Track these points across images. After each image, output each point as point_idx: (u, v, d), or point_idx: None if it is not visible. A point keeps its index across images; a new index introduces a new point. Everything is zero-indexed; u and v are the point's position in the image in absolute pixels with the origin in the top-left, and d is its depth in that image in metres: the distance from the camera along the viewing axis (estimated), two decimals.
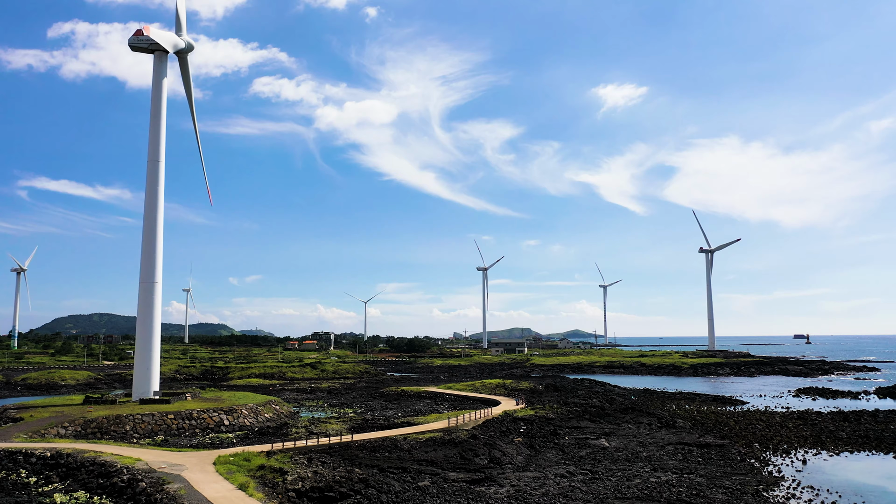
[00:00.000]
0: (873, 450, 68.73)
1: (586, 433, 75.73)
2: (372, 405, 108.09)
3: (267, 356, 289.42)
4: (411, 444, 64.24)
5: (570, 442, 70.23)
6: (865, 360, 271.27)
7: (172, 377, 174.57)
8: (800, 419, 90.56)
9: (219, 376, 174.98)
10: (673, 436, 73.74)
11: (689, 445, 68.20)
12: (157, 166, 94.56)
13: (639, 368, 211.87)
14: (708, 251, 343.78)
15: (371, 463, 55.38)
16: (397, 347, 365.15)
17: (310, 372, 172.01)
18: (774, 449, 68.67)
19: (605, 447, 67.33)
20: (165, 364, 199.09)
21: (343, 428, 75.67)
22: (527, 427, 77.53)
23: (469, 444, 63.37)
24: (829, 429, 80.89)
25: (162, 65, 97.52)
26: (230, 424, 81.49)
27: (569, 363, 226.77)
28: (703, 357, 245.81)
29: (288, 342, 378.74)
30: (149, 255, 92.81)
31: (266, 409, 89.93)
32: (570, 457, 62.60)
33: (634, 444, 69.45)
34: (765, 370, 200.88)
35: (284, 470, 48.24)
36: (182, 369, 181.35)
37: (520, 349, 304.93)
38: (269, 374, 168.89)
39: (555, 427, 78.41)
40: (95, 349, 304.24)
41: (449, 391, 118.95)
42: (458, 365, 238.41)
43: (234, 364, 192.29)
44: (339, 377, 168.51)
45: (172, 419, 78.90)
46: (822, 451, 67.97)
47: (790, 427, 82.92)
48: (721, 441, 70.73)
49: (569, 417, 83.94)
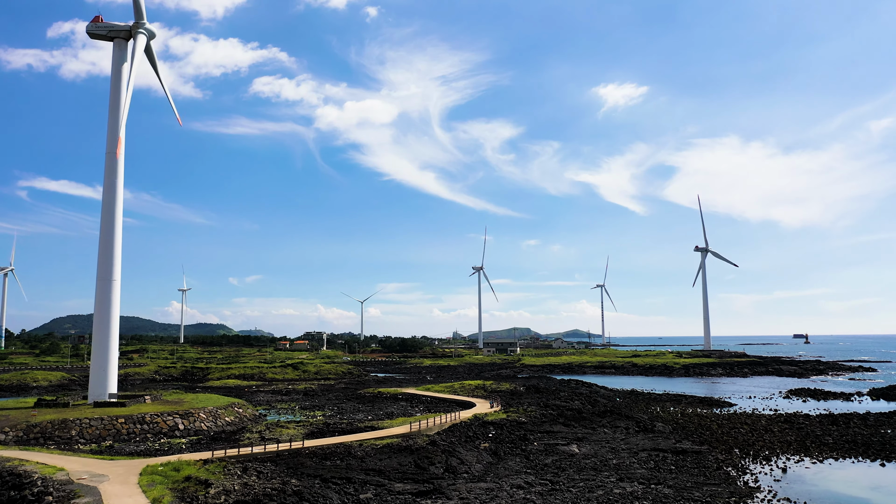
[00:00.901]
0: (860, 456, 64.66)
1: (558, 438, 71.68)
2: (344, 407, 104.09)
3: (257, 356, 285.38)
4: (366, 450, 60.23)
5: (539, 448, 66.18)
6: (862, 361, 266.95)
7: (152, 378, 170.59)
8: (786, 422, 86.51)
9: (199, 377, 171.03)
10: (649, 441, 69.67)
11: (663, 452, 64.14)
12: (115, 158, 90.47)
13: (630, 369, 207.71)
14: (704, 250, 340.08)
15: (315, 472, 51.34)
16: (390, 347, 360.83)
17: (291, 373, 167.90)
18: (755, 455, 64.64)
19: (574, 454, 63.29)
20: (148, 365, 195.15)
21: (300, 433, 71.59)
22: (496, 432, 73.48)
23: (427, 452, 59.32)
24: (815, 433, 76.82)
25: (121, 52, 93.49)
26: (185, 429, 77.44)
27: (559, 363, 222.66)
28: (697, 357, 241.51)
29: (279, 342, 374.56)
30: (106, 251, 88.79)
31: (227, 413, 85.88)
32: (534, 465, 58.55)
33: (606, 450, 65.41)
34: (758, 370, 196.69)
35: (210, 482, 44.18)
36: (162, 370, 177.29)
37: (512, 349, 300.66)
38: (249, 374, 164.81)
39: (525, 432, 74.36)
40: (82, 349, 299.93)
41: (426, 393, 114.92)
42: (447, 365, 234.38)
43: (215, 364, 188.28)
44: (321, 378, 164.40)
45: (123, 423, 74.84)
46: (806, 458, 63.92)
47: (775, 431, 78.86)
48: (698, 447, 66.70)
49: (542, 421, 79.87)
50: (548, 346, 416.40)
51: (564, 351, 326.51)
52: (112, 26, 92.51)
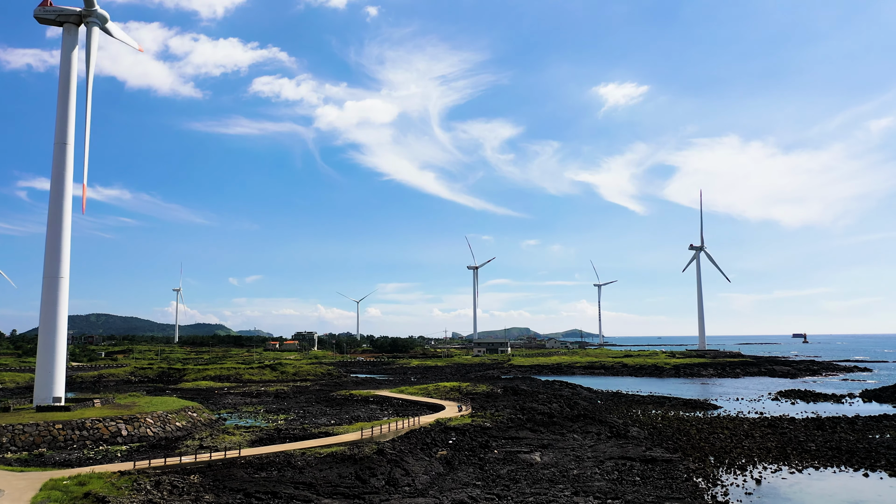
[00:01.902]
0: (843, 465, 60.05)
1: (522, 445, 67.09)
2: (310, 411, 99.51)
3: (245, 357, 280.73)
4: (308, 460, 55.67)
5: (498, 456, 61.58)
6: (857, 361, 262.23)
7: (127, 379, 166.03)
8: (770, 427, 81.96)
9: (175, 378, 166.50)
10: (618, 449, 65.05)
11: (631, 460, 59.57)
12: (64, 149, 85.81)
13: (620, 369, 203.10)
14: (699, 248, 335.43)
15: (240, 486, 46.76)
16: (381, 348, 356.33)
17: (269, 374, 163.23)
18: (730, 464, 60.05)
19: (534, 463, 58.70)
20: (125, 366, 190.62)
21: (245, 440, 66.98)
22: (456, 438, 68.89)
23: (372, 461, 54.74)
24: (798, 439, 72.22)
25: (72, 37, 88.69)
26: (128, 435, 72.78)
27: (549, 364, 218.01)
28: (690, 357, 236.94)
29: (269, 343, 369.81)
30: (53, 247, 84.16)
31: (179, 418, 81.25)
32: (487, 475, 53.93)
33: (570, 458, 60.82)
34: (750, 371, 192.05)
35: (107, 499, 39.60)
36: (139, 371, 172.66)
37: (503, 349, 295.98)
38: (226, 375, 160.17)
39: (489, 438, 69.78)
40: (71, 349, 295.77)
41: (399, 395, 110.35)
42: (434, 366, 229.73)
43: (192, 366, 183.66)
44: (299, 379, 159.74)
45: (60, 429, 70.15)
46: (784, 467, 59.31)
47: (756, 437, 74.29)
48: (670, 455, 62.09)
49: (508, 427, 75.23)
50: (541, 346, 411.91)
51: (557, 351, 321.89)
52: (61, 10, 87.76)
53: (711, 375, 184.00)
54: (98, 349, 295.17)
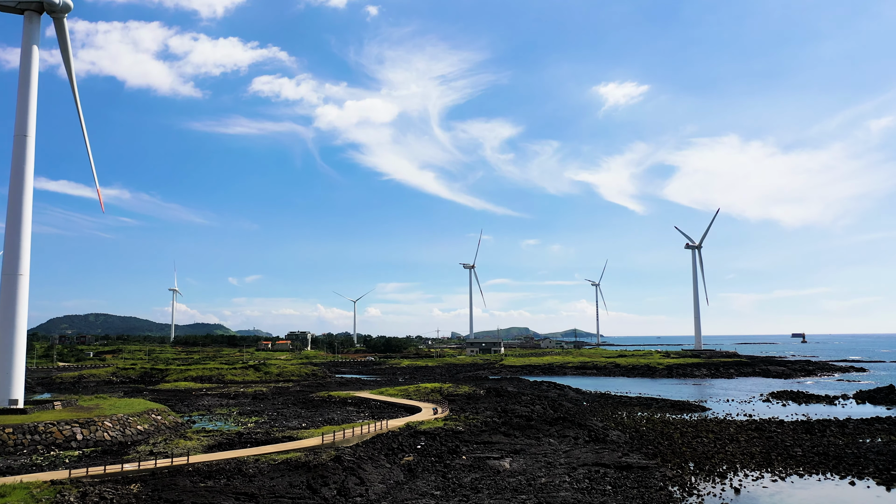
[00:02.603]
0: (829, 472, 56.77)
1: (493, 450, 63.84)
2: (285, 413, 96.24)
3: (236, 357, 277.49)
4: (261, 467, 52.42)
5: (465, 463, 58.32)
6: (854, 361, 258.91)
7: (108, 380, 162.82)
8: (757, 430, 78.81)
9: (157, 378, 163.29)
10: (593, 454, 61.81)
11: (605, 467, 56.32)
12: (24, 141, 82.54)
13: (612, 370, 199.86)
14: (694, 247, 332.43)
15: (178, 497, 43.52)
16: (375, 348, 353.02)
17: (252, 374, 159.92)
18: (710, 471, 56.77)
19: (502, 470, 55.47)
20: (111, 367, 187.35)
21: (200, 445, 63.75)
22: (425, 443, 65.66)
23: (326, 469, 51.49)
24: (784, 443, 68.97)
25: (32, 26, 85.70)
26: (84, 439, 69.49)
27: (540, 364, 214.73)
28: (686, 357, 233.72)
29: (261, 343, 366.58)
30: (13, 243, 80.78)
31: (141, 421, 77.96)
32: (448, 484, 50.69)
33: (540, 465, 57.58)
34: (744, 371, 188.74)
35: None
36: (120, 371, 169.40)
37: (496, 349, 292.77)
38: (207, 376, 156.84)
39: (459, 443, 66.53)
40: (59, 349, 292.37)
41: (378, 397, 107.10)
42: (425, 366, 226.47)
43: (175, 366, 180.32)
44: (283, 380, 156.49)
45: (11, 434, 66.85)
46: (767, 474, 56.07)
47: (741, 441, 71.10)
48: (647, 461, 58.82)
49: (482, 430, 71.95)
50: (536, 346, 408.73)
51: (551, 351, 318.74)
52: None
53: (704, 376, 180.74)
54: (87, 349, 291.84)
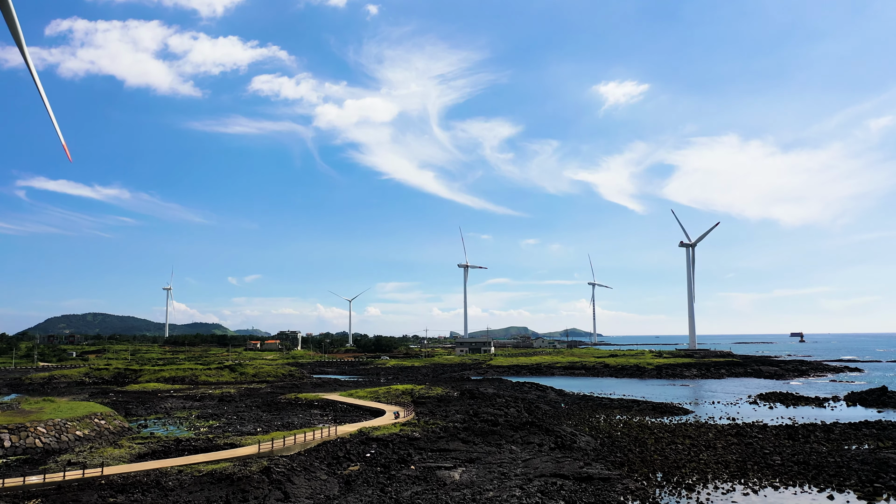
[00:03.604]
0: (808, 484, 52.03)
1: (447, 459, 59.15)
2: (245, 416, 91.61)
3: (223, 356, 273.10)
4: (182, 480, 47.75)
5: (412, 474, 53.59)
6: (849, 361, 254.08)
7: (80, 381, 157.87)
8: (737, 435, 74.16)
9: (131, 378, 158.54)
10: (554, 464, 57.09)
11: (563, 479, 51.60)
12: None
13: (601, 370, 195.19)
14: (689, 245, 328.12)
15: None
16: (365, 347, 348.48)
17: (227, 375, 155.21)
18: (678, 482, 52.05)
19: (450, 481, 50.75)
20: (83, 367, 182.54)
21: (131, 454, 59.04)
22: (375, 451, 60.96)
23: (251, 482, 46.78)
24: (763, 451, 64.25)
25: None
26: (12, 446, 64.75)
27: (528, 364, 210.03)
28: (678, 357, 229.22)
29: (249, 343, 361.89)
30: None
31: (81, 426, 73.23)
32: (385, 499, 45.96)
33: (493, 476, 52.84)
34: (736, 372, 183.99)
35: None
36: (94, 372, 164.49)
37: (486, 349, 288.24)
38: (181, 377, 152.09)
39: (412, 451, 61.81)
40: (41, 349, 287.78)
41: (347, 399, 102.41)
42: (411, 366, 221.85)
43: (149, 366, 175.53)
44: (257, 381, 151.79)
45: None
46: (739, 486, 51.36)
47: (718, 447, 66.41)
48: (610, 472, 54.11)
49: (440, 437, 67.17)
50: (529, 346, 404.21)
51: (543, 350, 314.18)
52: None
53: (694, 376, 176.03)
54: (71, 349, 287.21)
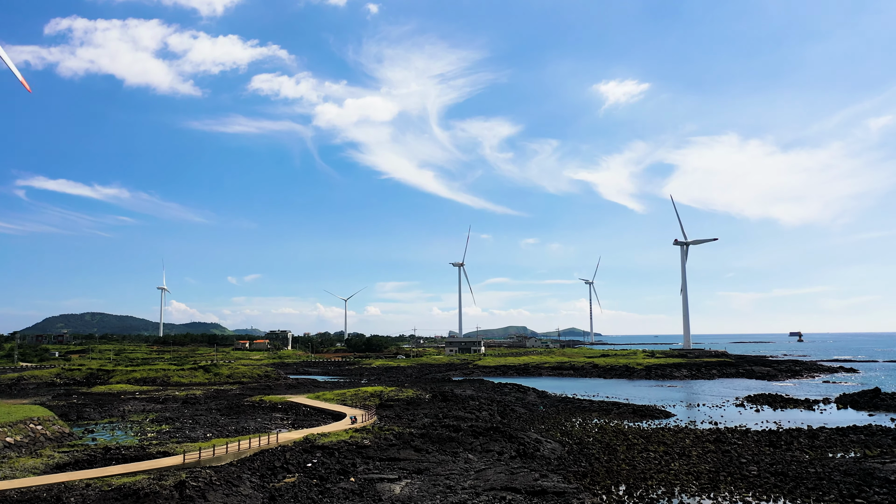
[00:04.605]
0: (784, 498, 47.21)
1: (394, 469, 54.34)
2: (201, 421, 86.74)
3: (212, 356, 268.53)
4: (87, 496, 42.98)
5: (348, 487, 48.78)
6: (844, 361, 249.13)
7: (51, 382, 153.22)
8: (716, 442, 69.55)
9: (103, 379, 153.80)
10: (508, 475, 52.27)
11: (514, 493, 46.82)
12: None
13: (590, 370, 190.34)
14: (683, 243, 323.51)
15: None
16: (355, 347, 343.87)
17: (200, 376, 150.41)
18: (641, 496, 47.29)
19: (386, 497, 45.97)
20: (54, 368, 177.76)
21: (48, 464, 54.22)
22: (318, 461, 56.15)
23: (158, 498, 41.96)
24: (740, 459, 59.46)
25: None
26: None
27: (516, 364, 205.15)
28: (671, 357, 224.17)
29: (238, 342, 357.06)
30: None
31: (13, 432, 68.30)
32: None
33: (438, 490, 48.05)
34: (727, 372, 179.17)
35: None
36: (65, 373, 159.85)
37: (475, 349, 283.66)
38: (152, 378, 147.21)
39: (359, 460, 57.00)
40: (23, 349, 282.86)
41: (312, 402, 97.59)
42: (397, 366, 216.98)
43: (122, 367, 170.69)
44: (231, 381, 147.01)
45: None
46: (708, 500, 46.58)
47: (692, 456, 61.65)
48: (568, 485, 49.31)
49: (391, 444, 62.28)
50: (522, 346, 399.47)
51: (534, 350, 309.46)
52: None
53: (684, 377, 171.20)
54: (54, 348, 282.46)
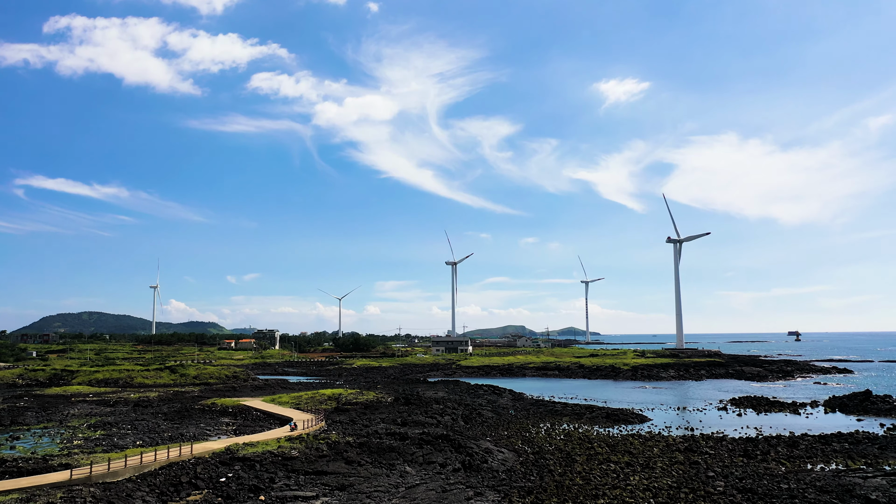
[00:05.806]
0: None
1: (315, 485, 48.49)
2: (141, 426, 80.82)
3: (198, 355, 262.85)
4: None
5: None
6: (839, 361, 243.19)
7: (13, 383, 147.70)
8: (686, 451, 63.97)
9: (66, 380, 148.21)
10: (439, 493, 46.46)
11: None
12: None
13: (575, 371, 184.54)
14: (676, 241, 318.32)
15: None
16: (343, 346, 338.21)
17: (165, 376, 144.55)
18: None
19: None
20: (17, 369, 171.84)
21: None
22: (235, 474, 50.26)
23: None
24: (707, 472, 53.61)
25: None
26: None
27: (500, 365, 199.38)
28: (661, 357, 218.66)
29: (223, 342, 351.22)
30: None
31: None
32: None
33: None
34: (716, 373, 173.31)
35: None
36: (28, 373, 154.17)
37: (462, 348, 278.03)
38: (114, 379, 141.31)
39: (282, 473, 51.10)
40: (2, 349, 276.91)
41: (264, 406, 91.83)
42: (378, 366, 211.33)
43: (87, 367, 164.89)
44: (198, 382, 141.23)
45: None
46: None
47: (656, 468, 55.88)
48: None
49: (321, 456, 56.24)
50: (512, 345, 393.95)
51: (524, 350, 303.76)
52: None
53: (671, 378, 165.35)
54: (32, 348, 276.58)
